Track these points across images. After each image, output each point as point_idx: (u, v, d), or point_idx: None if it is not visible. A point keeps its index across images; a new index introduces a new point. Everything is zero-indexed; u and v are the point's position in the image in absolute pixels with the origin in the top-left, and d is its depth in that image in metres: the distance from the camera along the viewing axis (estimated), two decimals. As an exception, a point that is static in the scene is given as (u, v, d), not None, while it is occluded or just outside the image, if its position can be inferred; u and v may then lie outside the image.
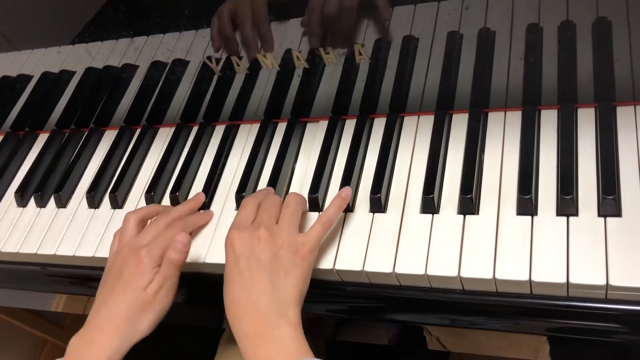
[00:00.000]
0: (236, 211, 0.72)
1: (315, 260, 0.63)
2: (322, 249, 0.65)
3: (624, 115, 0.64)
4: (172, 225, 0.69)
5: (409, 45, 0.75)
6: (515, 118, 0.68)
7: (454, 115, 0.71)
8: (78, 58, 0.98)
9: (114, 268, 0.66)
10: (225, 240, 0.63)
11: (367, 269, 0.63)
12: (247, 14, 0.75)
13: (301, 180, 0.73)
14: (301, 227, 0.66)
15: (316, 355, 0.93)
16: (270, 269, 0.60)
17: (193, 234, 0.72)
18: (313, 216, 0.69)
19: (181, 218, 0.70)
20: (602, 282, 0.54)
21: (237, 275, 0.60)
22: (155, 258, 0.65)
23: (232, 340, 0.90)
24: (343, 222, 0.67)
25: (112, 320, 0.62)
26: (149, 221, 0.72)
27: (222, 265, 0.69)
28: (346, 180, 0.69)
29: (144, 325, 0.64)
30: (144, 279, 0.64)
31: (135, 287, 0.63)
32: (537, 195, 0.61)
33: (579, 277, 0.55)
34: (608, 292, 0.55)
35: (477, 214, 0.63)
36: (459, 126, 0.70)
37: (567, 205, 0.59)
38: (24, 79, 1.02)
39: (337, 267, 0.64)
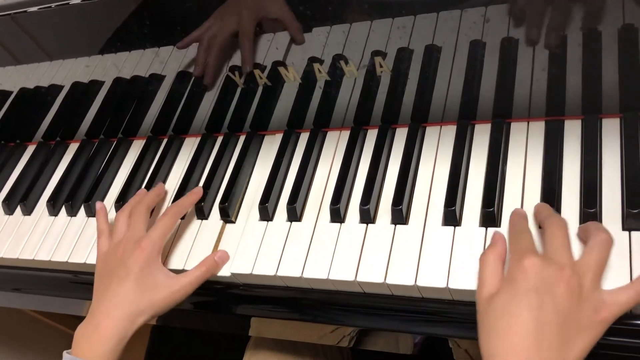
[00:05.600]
0: (260, 221, 0.74)
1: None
2: (343, 259, 0.65)
3: (651, 126, 0.63)
4: (167, 213, 0.72)
5: (431, 54, 0.74)
6: (538, 128, 0.67)
7: (476, 125, 0.71)
8: (106, 68, 1.00)
9: (114, 259, 0.69)
10: (519, 260, 0.53)
11: (388, 281, 0.63)
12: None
13: (321, 188, 0.74)
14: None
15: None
16: (564, 321, 0.50)
17: (225, 242, 0.74)
18: (334, 227, 0.69)
19: (177, 204, 0.74)
20: (626, 298, 0.54)
21: (523, 307, 0.51)
22: (157, 247, 0.69)
23: (258, 346, 0.91)
24: (365, 234, 0.67)
25: (120, 307, 0.65)
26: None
27: (245, 275, 0.70)
28: (368, 191, 0.69)
29: (153, 316, 0.67)
30: (151, 267, 0.67)
31: (144, 275, 0.66)
32: (560, 207, 0.61)
33: (602, 293, 0.54)
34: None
35: (499, 226, 0.62)
36: (482, 136, 0.70)
37: (590, 218, 0.58)
38: (55, 89, 1.04)
39: (359, 279, 0.64)
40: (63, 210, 0.87)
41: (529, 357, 0.49)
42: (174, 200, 0.80)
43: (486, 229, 0.62)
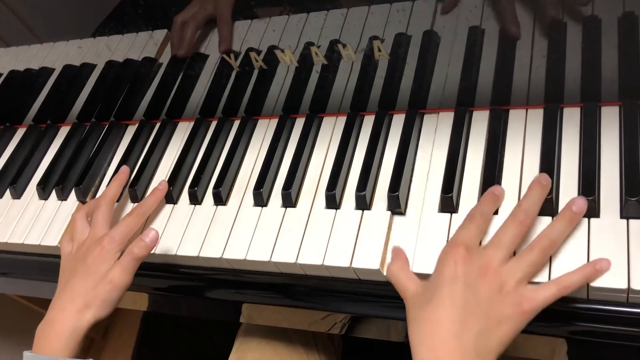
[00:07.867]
0: (255, 207, 0.73)
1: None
2: (338, 245, 0.65)
3: (650, 114, 0.63)
4: (132, 212, 0.72)
5: (430, 40, 0.74)
6: (536, 116, 0.67)
7: (474, 112, 0.70)
8: (99, 51, 0.99)
9: (76, 258, 0.70)
10: (447, 251, 0.57)
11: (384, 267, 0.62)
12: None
13: (317, 174, 0.73)
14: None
15: (333, 352, 0.93)
16: (485, 311, 0.53)
17: (218, 227, 0.73)
18: (330, 213, 0.68)
19: (142, 204, 0.74)
20: (624, 285, 0.53)
21: (446, 297, 0.54)
22: (117, 245, 0.68)
23: (249, 334, 0.90)
24: (361, 220, 0.66)
25: (73, 301, 0.66)
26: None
27: (239, 261, 0.69)
28: (364, 177, 0.68)
29: (101, 308, 0.67)
30: (105, 265, 0.67)
31: (96, 272, 0.67)
32: (557, 195, 0.60)
33: (599, 280, 0.54)
34: (630, 295, 0.54)
35: (497, 213, 0.62)
36: (480, 123, 0.69)
37: (589, 206, 0.58)
38: (46, 72, 1.03)
39: (354, 265, 0.63)
40: (53, 194, 0.86)
41: (451, 338, 0.52)
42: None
43: (483, 216, 0.62)
